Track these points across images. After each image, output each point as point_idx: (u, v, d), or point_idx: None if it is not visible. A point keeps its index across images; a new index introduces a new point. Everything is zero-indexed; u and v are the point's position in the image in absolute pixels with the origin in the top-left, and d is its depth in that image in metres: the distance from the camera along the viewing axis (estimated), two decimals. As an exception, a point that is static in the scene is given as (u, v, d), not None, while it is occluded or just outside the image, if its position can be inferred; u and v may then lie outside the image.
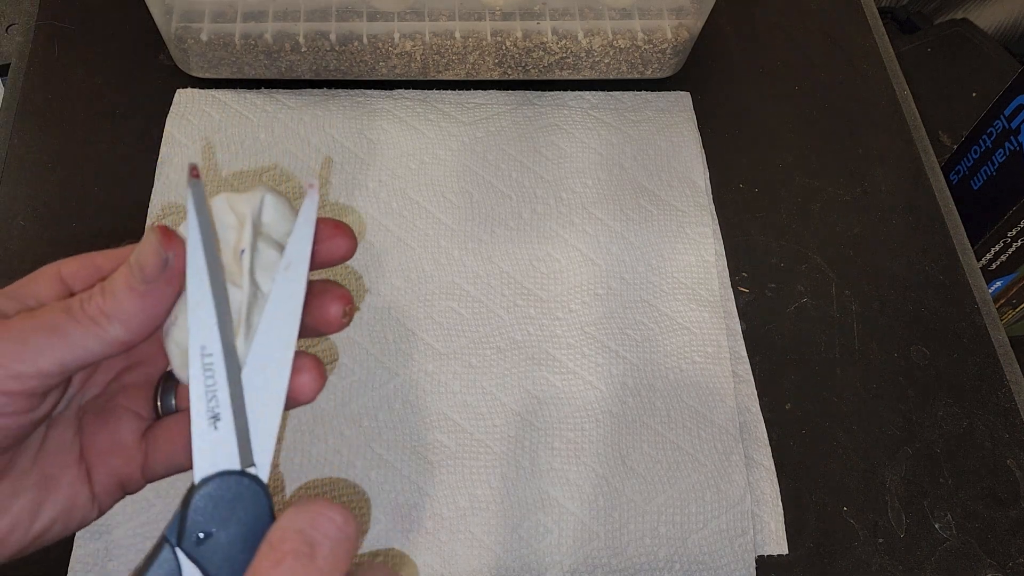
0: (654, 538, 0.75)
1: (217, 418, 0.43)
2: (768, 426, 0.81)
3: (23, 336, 0.44)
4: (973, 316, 0.89)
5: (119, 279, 0.46)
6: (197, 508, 0.42)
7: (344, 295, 0.50)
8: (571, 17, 0.94)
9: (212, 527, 0.42)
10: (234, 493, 0.43)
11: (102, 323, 0.45)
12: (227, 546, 0.42)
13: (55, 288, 0.48)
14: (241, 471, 0.43)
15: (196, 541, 0.41)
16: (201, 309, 0.44)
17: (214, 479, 0.43)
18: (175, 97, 0.94)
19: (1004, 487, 0.81)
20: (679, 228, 0.90)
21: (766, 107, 1.02)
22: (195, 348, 0.43)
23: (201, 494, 0.42)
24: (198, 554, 0.41)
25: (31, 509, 0.48)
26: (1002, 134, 1.11)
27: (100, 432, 0.51)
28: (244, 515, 0.43)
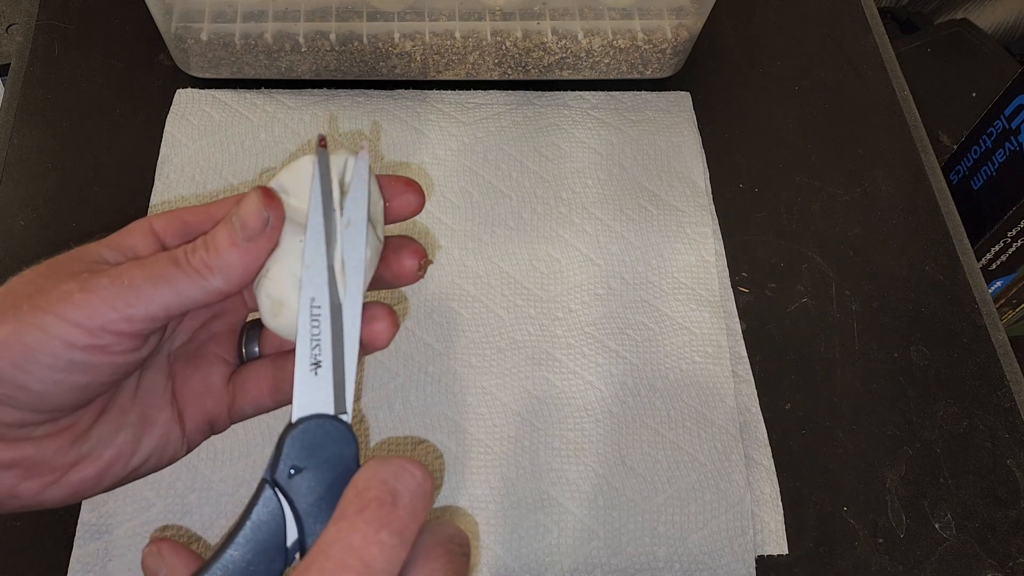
0: (654, 538, 0.75)
1: (319, 365, 0.47)
2: (768, 426, 0.81)
3: (135, 283, 0.47)
4: (973, 316, 0.89)
5: (222, 235, 0.49)
6: (293, 444, 0.45)
7: (419, 250, 0.55)
8: (571, 17, 0.94)
9: (304, 463, 0.45)
10: (326, 435, 0.46)
11: (205, 274, 0.49)
12: (315, 483, 0.45)
13: (148, 240, 0.52)
14: (335, 416, 0.47)
15: (288, 475, 0.44)
16: (315, 266, 0.48)
17: (310, 420, 0.46)
18: (175, 97, 0.94)
19: (1004, 487, 0.80)
20: (679, 228, 0.90)
21: (766, 107, 1.02)
22: (305, 299, 0.47)
23: (297, 432, 0.46)
24: (288, 487, 0.44)
25: (132, 443, 0.53)
26: (1002, 134, 1.11)
27: (191, 376, 0.56)
28: (333, 457, 0.46)
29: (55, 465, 0.50)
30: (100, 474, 0.52)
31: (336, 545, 0.40)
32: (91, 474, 0.51)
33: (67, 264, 0.49)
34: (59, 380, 0.47)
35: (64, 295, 0.46)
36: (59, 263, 0.50)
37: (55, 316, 0.46)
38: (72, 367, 0.47)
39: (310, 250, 0.48)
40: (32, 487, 0.50)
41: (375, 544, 0.40)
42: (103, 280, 0.47)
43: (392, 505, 0.42)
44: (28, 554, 0.72)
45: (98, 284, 0.47)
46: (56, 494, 0.51)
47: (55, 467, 0.50)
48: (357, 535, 0.41)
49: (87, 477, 0.51)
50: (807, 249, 0.92)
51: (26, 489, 0.50)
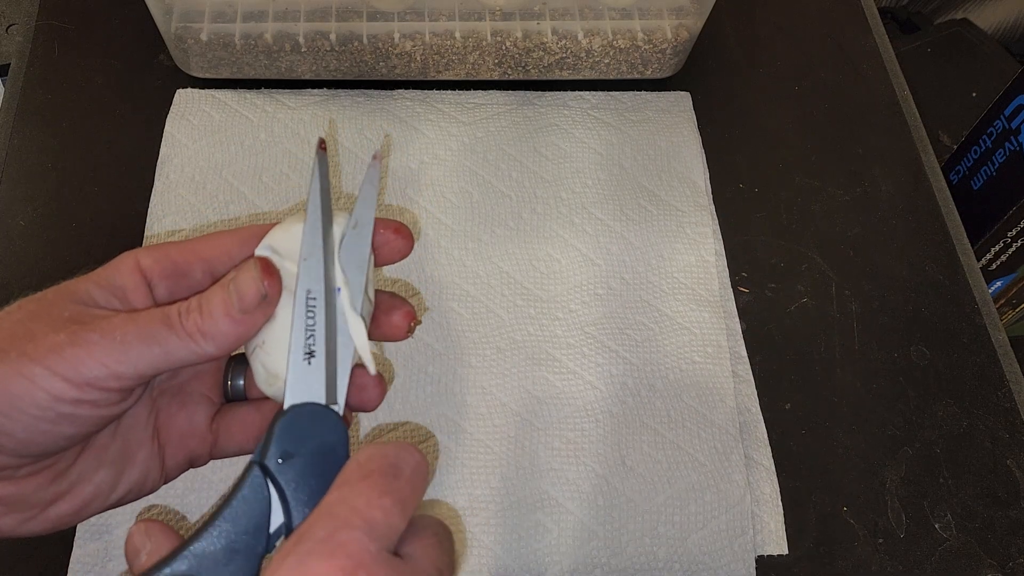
0: (653, 538, 0.75)
1: (312, 355, 0.48)
2: (768, 426, 0.81)
3: (126, 340, 0.47)
4: (973, 316, 0.89)
5: (216, 301, 0.50)
6: (283, 430, 0.47)
7: (410, 312, 0.57)
8: (571, 17, 0.94)
9: (293, 450, 0.46)
10: (317, 423, 0.47)
11: (197, 339, 0.49)
12: (304, 469, 0.46)
13: (135, 278, 0.52)
14: (326, 405, 0.48)
15: (278, 460, 0.45)
16: (312, 260, 0.49)
17: (302, 407, 0.48)
18: (175, 97, 0.94)
19: (1004, 487, 0.80)
20: (679, 228, 0.90)
21: (766, 107, 1.02)
22: (302, 290, 0.49)
23: (288, 419, 0.47)
24: (278, 472, 0.45)
25: (111, 480, 0.53)
26: (1002, 134, 1.11)
27: (175, 415, 0.56)
28: (323, 445, 0.47)
29: (34, 502, 0.50)
30: (79, 509, 0.52)
31: (341, 505, 0.42)
32: (70, 510, 0.52)
33: (57, 305, 0.49)
34: (44, 430, 0.47)
35: (54, 347, 0.46)
36: (48, 303, 0.49)
37: (44, 368, 0.46)
38: (58, 418, 0.47)
39: (307, 243, 0.49)
40: (10, 522, 0.50)
41: (378, 508, 0.42)
42: (93, 335, 0.47)
43: (395, 476, 0.44)
44: (28, 554, 0.72)
45: (88, 338, 0.47)
46: (34, 528, 0.51)
47: (34, 504, 0.50)
48: (362, 498, 0.42)
49: (65, 512, 0.52)
50: (807, 249, 0.92)
51: (4, 524, 0.50)
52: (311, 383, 0.48)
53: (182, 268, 0.53)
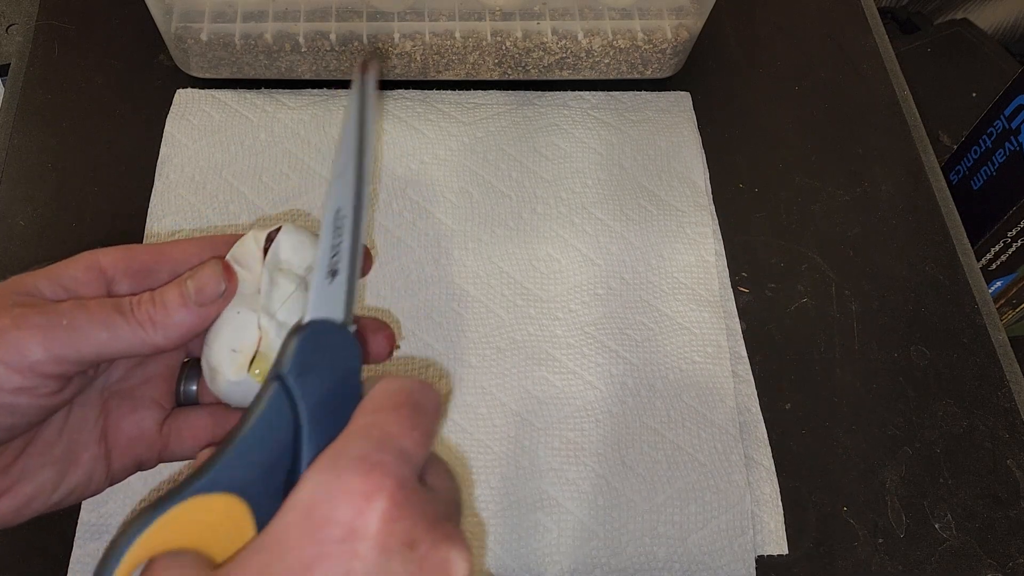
0: (653, 538, 0.75)
1: (335, 273, 0.48)
2: (768, 426, 0.81)
3: (72, 325, 0.47)
4: (973, 316, 0.89)
5: (172, 294, 0.50)
6: (304, 344, 0.46)
7: (391, 335, 0.57)
8: (571, 17, 0.94)
9: (311, 364, 0.46)
10: (335, 342, 0.47)
11: (147, 327, 0.49)
12: (318, 386, 0.46)
13: (92, 275, 0.51)
14: (344, 325, 0.48)
15: (297, 373, 0.45)
16: (344, 177, 0.48)
17: (322, 324, 0.47)
18: (175, 97, 0.94)
19: (1004, 487, 0.80)
20: (679, 228, 0.90)
21: (766, 107, 1.02)
22: (331, 209, 0.48)
23: (309, 333, 0.47)
24: (294, 385, 0.45)
25: (54, 480, 0.52)
26: (1002, 134, 1.11)
27: (124, 418, 0.55)
28: (338, 364, 0.47)
29: None
30: (19, 508, 0.51)
31: (376, 429, 0.43)
32: (9, 508, 0.51)
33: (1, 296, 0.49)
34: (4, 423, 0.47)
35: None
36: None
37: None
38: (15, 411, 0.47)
39: (342, 162, 0.48)
40: None
41: (409, 438, 0.43)
42: (38, 318, 0.47)
43: (422, 412, 0.45)
44: (29, 554, 0.72)
45: (32, 321, 0.47)
46: None
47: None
48: (394, 425, 0.43)
49: (5, 512, 0.51)
50: (807, 249, 0.92)
51: None
52: (332, 301, 0.48)
53: (148, 265, 0.53)
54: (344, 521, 0.39)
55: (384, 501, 0.39)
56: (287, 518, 0.40)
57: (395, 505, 0.39)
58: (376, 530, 0.39)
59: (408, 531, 0.40)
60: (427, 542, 0.40)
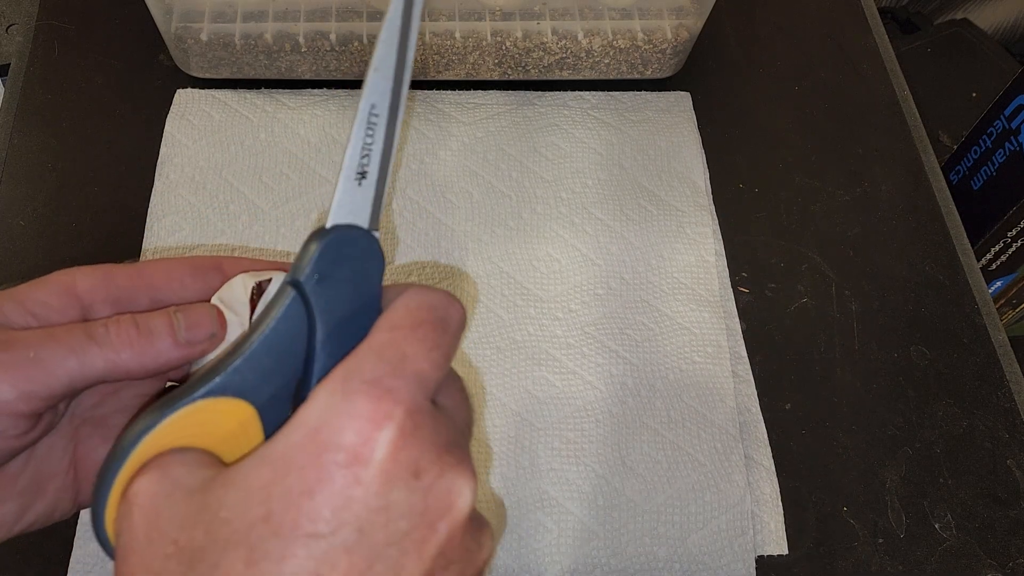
0: (653, 538, 0.75)
1: (364, 176, 0.45)
2: (768, 426, 0.81)
3: (40, 357, 0.44)
4: (973, 316, 0.89)
5: (160, 322, 0.47)
6: (325, 250, 0.44)
7: None
8: (571, 17, 0.94)
9: (331, 272, 0.44)
10: (358, 247, 0.45)
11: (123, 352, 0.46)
12: (337, 292, 0.44)
13: (66, 301, 0.48)
14: (368, 230, 0.45)
15: (316, 280, 0.43)
16: (382, 70, 0.44)
17: (345, 229, 0.45)
18: (175, 97, 0.94)
19: (1004, 487, 0.80)
20: (679, 228, 0.90)
21: (766, 107, 1.02)
22: (366, 104, 0.44)
23: (332, 239, 0.44)
24: (313, 292, 0.43)
25: (16, 512, 0.49)
26: (1002, 134, 1.11)
27: (95, 449, 0.52)
28: (360, 270, 0.45)
29: None
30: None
31: (392, 349, 0.42)
32: None
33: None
34: None
35: None
36: None
37: None
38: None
39: (381, 53, 0.44)
40: None
41: (427, 360, 0.42)
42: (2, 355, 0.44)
43: (443, 331, 0.44)
44: (29, 555, 0.72)
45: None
46: None
47: None
48: (411, 346, 0.42)
49: None
50: (807, 249, 0.92)
51: None
52: (358, 205, 0.45)
53: (128, 293, 0.50)
54: (349, 446, 0.38)
55: (392, 430, 0.39)
56: (293, 436, 0.39)
57: (403, 434, 0.39)
58: (381, 458, 0.38)
59: (414, 460, 0.39)
60: (433, 471, 0.40)
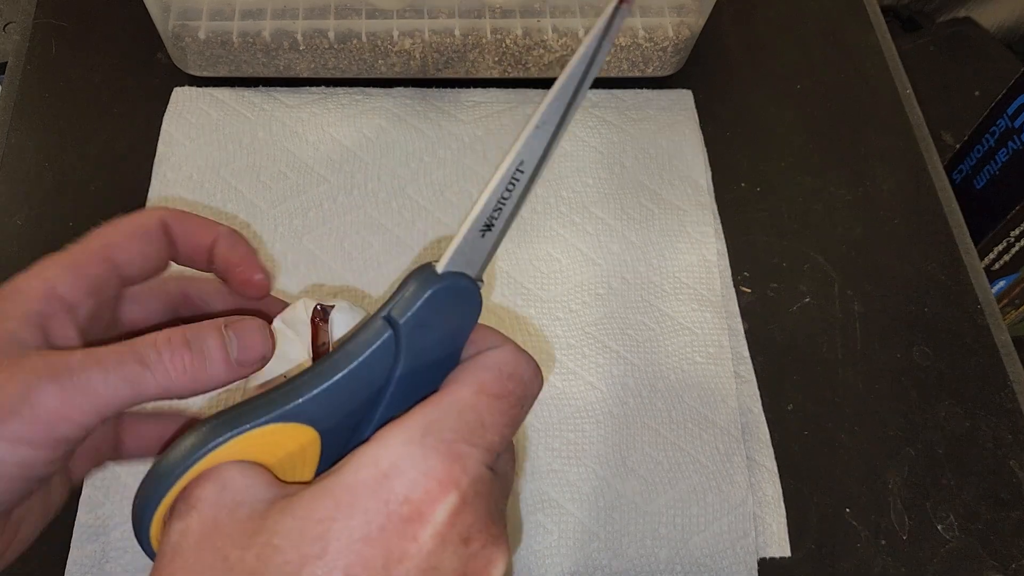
0: (655, 540, 0.74)
1: (490, 228, 0.44)
2: (770, 427, 0.81)
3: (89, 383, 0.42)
4: (976, 316, 0.89)
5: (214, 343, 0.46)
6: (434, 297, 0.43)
7: None
8: (572, 14, 0.94)
9: (432, 317, 0.43)
10: (462, 298, 0.44)
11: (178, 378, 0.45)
12: (431, 337, 0.44)
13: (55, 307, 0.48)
14: (476, 280, 0.45)
15: (414, 324, 0.43)
16: (543, 130, 0.43)
17: (456, 277, 0.44)
18: (172, 95, 0.94)
19: (1007, 488, 0.80)
20: (680, 227, 0.90)
21: (768, 106, 1.01)
22: (515, 160, 0.43)
23: (443, 287, 0.43)
24: (406, 335, 0.43)
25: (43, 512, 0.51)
26: (1005, 133, 1.11)
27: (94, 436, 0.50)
28: (457, 319, 0.45)
29: None
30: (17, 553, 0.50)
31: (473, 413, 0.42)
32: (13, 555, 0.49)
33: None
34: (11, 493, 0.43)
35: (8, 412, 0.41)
36: None
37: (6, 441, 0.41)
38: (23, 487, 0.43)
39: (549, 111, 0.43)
40: None
41: (499, 434, 0.43)
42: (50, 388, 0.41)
43: (521, 406, 0.44)
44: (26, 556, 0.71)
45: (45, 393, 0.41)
46: None
47: None
48: (492, 416, 0.43)
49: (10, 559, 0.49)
50: (809, 249, 0.91)
51: None
52: (475, 255, 0.44)
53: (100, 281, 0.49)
54: (415, 501, 0.39)
55: (456, 495, 0.40)
56: (362, 473, 0.40)
57: (463, 501, 0.40)
58: (440, 520, 0.39)
59: (468, 528, 0.40)
60: (480, 540, 0.40)
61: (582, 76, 0.43)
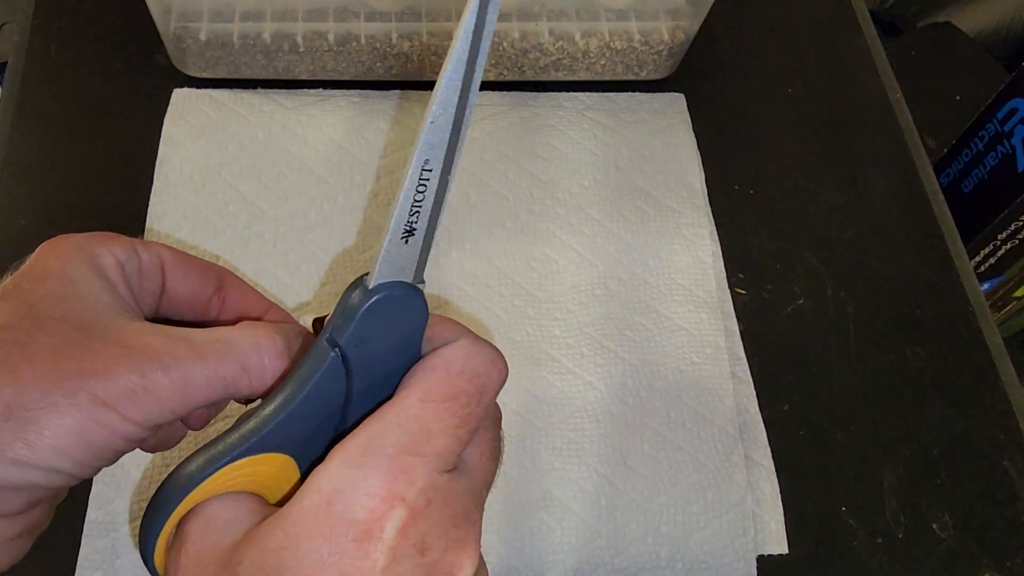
0: (656, 537, 0.75)
1: (411, 233, 0.43)
2: (766, 427, 0.82)
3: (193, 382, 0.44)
4: (968, 318, 0.90)
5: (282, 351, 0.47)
6: (368, 314, 0.43)
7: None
8: (568, 18, 0.94)
9: (373, 333, 0.43)
10: (401, 304, 0.44)
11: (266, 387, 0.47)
12: (379, 348, 0.44)
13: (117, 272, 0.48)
14: (412, 284, 0.44)
15: (356, 343, 0.43)
16: (439, 123, 0.41)
17: (391, 287, 0.44)
18: (172, 97, 0.94)
19: (1000, 488, 0.81)
20: (676, 229, 0.91)
21: (760, 109, 1.02)
22: (418, 161, 0.41)
23: (376, 301, 0.43)
24: (352, 355, 0.43)
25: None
26: (994, 137, 1.12)
27: None
28: (402, 325, 0.45)
29: None
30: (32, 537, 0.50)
31: (417, 423, 0.42)
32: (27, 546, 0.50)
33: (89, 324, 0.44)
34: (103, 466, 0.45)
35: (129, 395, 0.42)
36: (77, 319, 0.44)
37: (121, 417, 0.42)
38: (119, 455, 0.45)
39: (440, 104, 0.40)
40: None
41: (452, 435, 0.43)
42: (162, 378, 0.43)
43: (477, 402, 0.44)
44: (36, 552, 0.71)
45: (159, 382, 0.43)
46: None
47: None
48: (439, 422, 0.42)
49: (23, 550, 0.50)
50: (802, 251, 0.92)
51: None
52: (403, 261, 0.44)
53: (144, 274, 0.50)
54: (361, 521, 0.39)
55: (403, 509, 0.40)
56: (307, 500, 0.40)
57: (413, 513, 0.40)
58: (390, 537, 0.39)
59: (422, 537, 0.40)
60: (438, 547, 0.41)
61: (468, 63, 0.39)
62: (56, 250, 0.48)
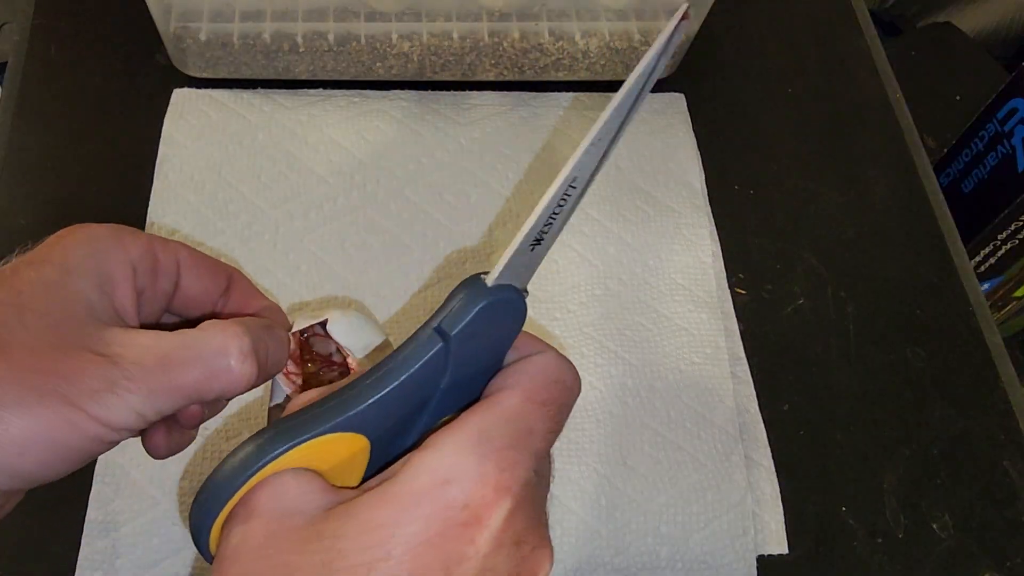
0: (656, 537, 0.75)
1: (539, 243, 0.44)
2: (766, 427, 0.82)
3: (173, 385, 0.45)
4: (968, 318, 0.90)
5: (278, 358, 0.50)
6: (485, 310, 0.44)
7: None
8: (568, 18, 0.94)
9: (482, 330, 0.44)
10: (510, 309, 0.45)
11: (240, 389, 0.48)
12: (479, 347, 0.45)
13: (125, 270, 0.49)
14: (523, 291, 0.45)
15: (464, 336, 0.44)
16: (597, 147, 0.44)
17: (506, 290, 0.44)
18: (172, 97, 0.94)
19: (1000, 488, 0.81)
20: (676, 229, 0.91)
21: (760, 109, 1.02)
22: (567, 177, 0.43)
23: (494, 300, 0.44)
24: (457, 346, 0.44)
25: None
26: (995, 137, 1.12)
27: None
28: (503, 330, 0.46)
29: None
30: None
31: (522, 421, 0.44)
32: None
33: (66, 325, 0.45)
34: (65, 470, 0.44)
35: (95, 395, 0.42)
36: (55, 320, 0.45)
37: (89, 417, 0.42)
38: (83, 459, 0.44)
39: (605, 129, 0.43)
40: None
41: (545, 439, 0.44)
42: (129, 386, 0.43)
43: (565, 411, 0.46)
44: (37, 552, 0.72)
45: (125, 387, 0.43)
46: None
47: None
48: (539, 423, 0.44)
49: None
50: (802, 251, 0.92)
51: None
52: (523, 268, 0.45)
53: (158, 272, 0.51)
54: (473, 507, 0.40)
55: (510, 501, 0.41)
56: (421, 480, 0.41)
57: (517, 506, 0.41)
58: (496, 525, 0.40)
59: (520, 531, 0.41)
60: (530, 543, 0.42)
61: (639, 92, 0.43)
62: (68, 237, 0.49)
